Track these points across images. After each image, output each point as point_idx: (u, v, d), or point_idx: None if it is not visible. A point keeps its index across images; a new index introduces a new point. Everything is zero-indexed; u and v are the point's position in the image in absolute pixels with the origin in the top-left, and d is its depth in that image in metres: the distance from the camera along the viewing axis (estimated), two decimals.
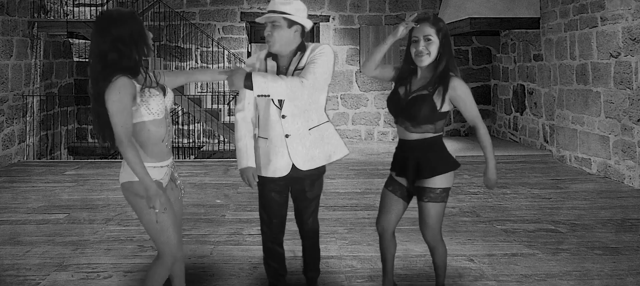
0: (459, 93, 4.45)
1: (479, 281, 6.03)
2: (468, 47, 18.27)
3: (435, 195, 4.52)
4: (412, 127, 4.52)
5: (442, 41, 4.45)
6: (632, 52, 10.66)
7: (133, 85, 4.04)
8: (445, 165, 4.56)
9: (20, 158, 14.06)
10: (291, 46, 4.86)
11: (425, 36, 4.42)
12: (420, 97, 4.45)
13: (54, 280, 6.08)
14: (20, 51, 14.04)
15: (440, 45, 4.44)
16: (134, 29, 4.10)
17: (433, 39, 4.41)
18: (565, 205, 9.19)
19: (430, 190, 4.52)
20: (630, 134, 10.68)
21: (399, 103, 4.59)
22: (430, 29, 4.42)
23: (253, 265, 6.51)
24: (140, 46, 4.16)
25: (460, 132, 18.14)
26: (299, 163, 4.92)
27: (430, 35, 4.41)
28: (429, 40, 4.41)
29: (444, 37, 4.46)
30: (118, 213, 8.73)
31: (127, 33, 4.04)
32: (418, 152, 4.55)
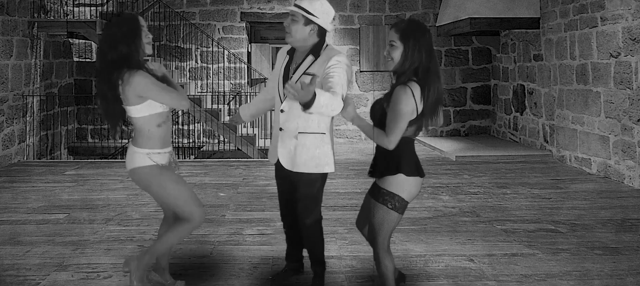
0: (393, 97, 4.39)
1: (479, 281, 6.03)
2: (468, 47, 18.27)
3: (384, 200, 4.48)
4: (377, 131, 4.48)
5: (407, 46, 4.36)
6: (632, 52, 10.66)
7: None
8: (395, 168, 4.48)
9: (20, 158, 14.06)
10: (306, 43, 5.02)
11: (389, 41, 4.44)
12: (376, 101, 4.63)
13: (54, 280, 6.08)
14: (20, 51, 14.04)
15: (404, 50, 4.37)
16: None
17: (396, 44, 4.38)
18: (565, 205, 9.19)
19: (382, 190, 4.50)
20: (630, 134, 10.68)
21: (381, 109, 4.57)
22: (394, 34, 4.41)
23: (253, 265, 6.51)
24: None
25: (460, 132, 18.14)
26: (283, 160, 5.16)
27: (393, 40, 4.41)
28: (392, 46, 4.41)
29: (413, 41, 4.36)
30: (118, 213, 8.74)
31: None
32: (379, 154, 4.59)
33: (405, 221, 8.30)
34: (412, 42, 4.33)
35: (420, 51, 4.32)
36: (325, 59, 4.96)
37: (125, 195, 9.91)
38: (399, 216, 4.48)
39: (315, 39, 5.01)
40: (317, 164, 5.11)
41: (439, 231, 7.81)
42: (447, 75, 18.12)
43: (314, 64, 4.99)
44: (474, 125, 18.20)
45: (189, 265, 6.51)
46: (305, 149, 5.07)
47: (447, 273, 6.27)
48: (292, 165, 5.13)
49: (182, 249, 7.03)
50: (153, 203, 9.27)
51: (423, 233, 7.74)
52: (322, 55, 5.02)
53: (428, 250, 7.05)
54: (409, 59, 4.36)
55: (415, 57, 4.34)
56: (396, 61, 4.41)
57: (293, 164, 5.12)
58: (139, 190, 10.18)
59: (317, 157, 5.10)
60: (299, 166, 5.09)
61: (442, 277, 6.14)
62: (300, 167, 5.09)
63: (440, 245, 7.21)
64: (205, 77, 18.17)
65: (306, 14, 4.86)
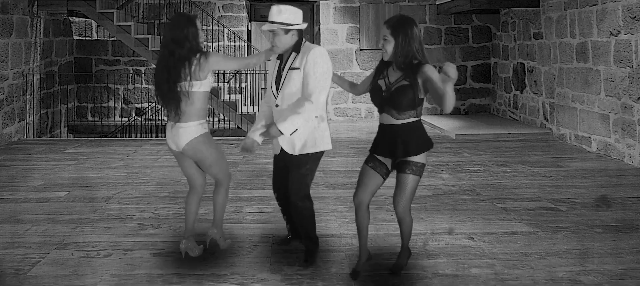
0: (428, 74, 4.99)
1: (479, 260, 6.04)
2: (468, 25, 18.22)
3: (417, 168, 5.20)
4: (397, 114, 5.17)
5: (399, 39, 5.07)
6: (632, 30, 10.63)
7: None
8: (426, 145, 5.26)
9: (20, 137, 14.06)
10: (290, 45, 5.64)
11: (383, 36, 5.18)
12: (401, 87, 5.10)
13: (53, 258, 6.09)
14: (20, 29, 14.00)
15: (395, 43, 5.09)
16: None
17: (388, 38, 5.12)
18: (565, 184, 9.20)
19: (415, 164, 5.19)
20: (630, 112, 10.67)
21: (383, 95, 5.24)
22: (386, 30, 5.15)
23: (253, 243, 6.52)
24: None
25: (460, 111, 18.11)
26: (286, 147, 5.64)
27: (385, 35, 5.16)
28: (386, 40, 5.14)
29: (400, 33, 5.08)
30: (118, 192, 8.74)
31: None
32: (404, 134, 5.18)
33: None
34: (402, 36, 5.07)
35: (411, 42, 5.07)
36: (304, 52, 5.58)
37: (125, 174, 9.91)
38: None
39: (296, 38, 5.64)
40: (315, 144, 5.63)
41: (439, 210, 7.82)
42: (447, 54, 18.09)
43: (296, 58, 5.60)
44: (474, 104, 18.18)
45: None
46: (303, 134, 5.57)
47: (447, 251, 6.28)
48: (294, 149, 5.60)
49: (181, 227, 7.04)
50: (152, 182, 9.28)
51: (423, 211, 7.75)
52: (301, 49, 5.63)
53: (428, 228, 7.06)
54: (400, 49, 5.09)
55: (406, 48, 5.07)
56: (389, 52, 5.15)
57: (294, 148, 5.59)
58: (139, 169, 10.20)
59: (315, 138, 5.63)
60: (301, 149, 5.59)
61: (442, 255, 6.15)
62: (302, 149, 5.59)
63: (440, 224, 7.22)
64: None
65: (284, 26, 5.49)
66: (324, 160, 6.72)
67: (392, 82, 5.18)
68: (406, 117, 5.17)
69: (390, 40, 5.12)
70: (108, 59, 17.93)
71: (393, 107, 5.15)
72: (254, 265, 5.90)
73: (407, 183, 5.19)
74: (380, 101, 5.28)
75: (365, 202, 5.41)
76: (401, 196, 5.24)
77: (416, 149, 5.17)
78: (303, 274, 5.69)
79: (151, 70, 17.86)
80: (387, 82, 5.23)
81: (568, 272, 5.72)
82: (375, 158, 5.44)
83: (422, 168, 5.23)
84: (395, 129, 5.21)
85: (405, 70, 5.12)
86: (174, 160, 10.91)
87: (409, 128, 5.18)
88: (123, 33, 15.36)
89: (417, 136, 5.19)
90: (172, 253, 6.22)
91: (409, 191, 5.22)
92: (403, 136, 5.18)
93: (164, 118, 17.84)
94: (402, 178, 5.22)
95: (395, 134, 5.21)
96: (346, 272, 5.70)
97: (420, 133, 5.22)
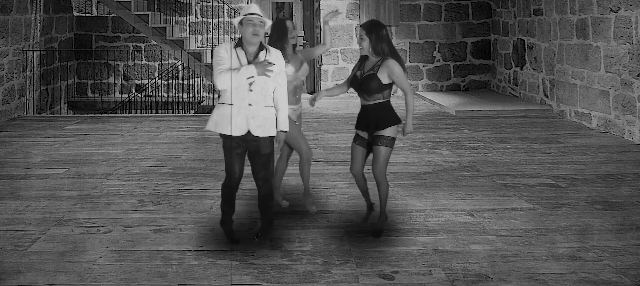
0: (392, 70, 6.08)
1: (479, 236, 6.05)
2: (468, 1, 18.16)
3: (387, 141, 6.12)
4: (367, 96, 6.15)
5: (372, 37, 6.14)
6: (632, 7, 10.60)
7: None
8: (393, 120, 6.17)
9: (20, 113, 14.05)
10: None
11: (360, 36, 6.25)
12: (369, 76, 6.13)
13: (53, 234, 6.10)
14: (20, 5, 13.95)
15: (369, 41, 6.15)
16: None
17: (364, 38, 6.18)
18: (565, 160, 9.20)
19: (384, 137, 6.11)
20: (630, 89, 10.66)
21: (358, 82, 6.21)
22: (362, 31, 6.22)
23: (253, 219, 6.53)
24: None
25: (460, 87, 18.09)
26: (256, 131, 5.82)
27: (361, 35, 6.22)
28: (362, 39, 6.21)
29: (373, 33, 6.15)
30: (118, 168, 8.74)
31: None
32: (374, 112, 6.17)
33: (405, 176, 8.31)
34: (374, 35, 6.14)
35: (382, 41, 6.14)
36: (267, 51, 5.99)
37: (125, 150, 9.91)
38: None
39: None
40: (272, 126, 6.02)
41: (439, 186, 7.82)
42: (447, 30, 18.05)
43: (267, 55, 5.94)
44: (473, 80, 18.15)
45: (190, 220, 6.53)
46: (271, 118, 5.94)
47: (447, 228, 6.29)
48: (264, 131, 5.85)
49: (182, 204, 7.05)
50: (152, 158, 9.29)
51: (423, 187, 7.75)
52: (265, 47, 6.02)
53: (428, 204, 7.06)
54: (374, 45, 6.16)
55: (379, 45, 6.15)
56: (366, 49, 6.20)
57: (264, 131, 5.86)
58: (139, 145, 10.20)
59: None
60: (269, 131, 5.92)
61: (442, 232, 6.16)
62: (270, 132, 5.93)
63: (440, 200, 7.23)
64: (205, 31, 18.10)
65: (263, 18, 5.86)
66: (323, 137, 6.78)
67: (364, 72, 6.21)
68: (375, 99, 6.15)
69: (365, 38, 6.17)
70: (108, 35, 17.90)
71: (364, 91, 6.16)
72: (254, 242, 5.91)
73: (381, 153, 6.12)
74: (356, 87, 6.24)
75: (359, 172, 6.35)
76: (376, 164, 6.14)
77: (384, 124, 6.12)
78: (303, 250, 5.70)
79: (151, 47, 17.83)
80: (361, 72, 6.23)
81: (568, 248, 5.73)
82: (358, 135, 6.35)
83: (392, 141, 6.16)
84: (368, 109, 6.20)
85: (374, 63, 6.17)
86: (173, 137, 10.93)
87: (378, 107, 6.17)
88: (123, 9, 15.33)
89: (384, 113, 6.16)
90: (172, 229, 6.23)
91: (382, 159, 6.13)
92: (374, 114, 6.16)
93: (164, 94, 17.84)
94: (376, 150, 6.15)
95: (368, 113, 6.20)
96: (346, 248, 5.71)
97: (387, 111, 6.18)
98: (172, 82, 18.06)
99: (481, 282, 5.02)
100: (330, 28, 6.40)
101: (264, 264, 5.41)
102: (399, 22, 17.85)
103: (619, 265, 5.36)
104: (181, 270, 5.27)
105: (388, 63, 6.09)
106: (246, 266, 5.36)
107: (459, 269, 5.29)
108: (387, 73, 6.09)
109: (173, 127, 12.19)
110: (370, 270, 5.28)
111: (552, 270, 5.27)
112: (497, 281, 5.04)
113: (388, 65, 6.08)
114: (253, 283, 5.01)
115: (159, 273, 5.22)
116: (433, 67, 17.93)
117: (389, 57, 6.15)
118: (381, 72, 6.08)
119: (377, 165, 6.12)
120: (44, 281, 5.04)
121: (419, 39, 17.89)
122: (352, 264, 5.39)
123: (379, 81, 6.06)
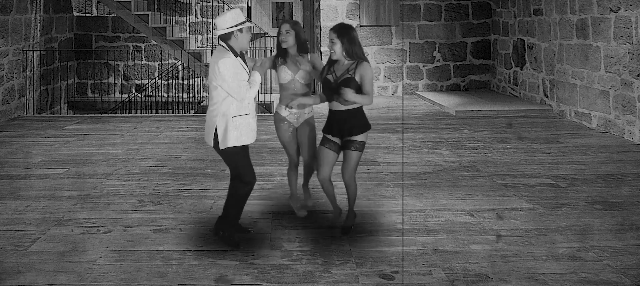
0: (365, 73, 6.01)
1: (479, 236, 6.05)
2: (468, 1, 18.16)
3: (360, 146, 6.07)
4: (344, 101, 6.00)
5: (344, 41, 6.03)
6: (632, 7, 10.60)
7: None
8: (365, 127, 6.13)
9: (20, 113, 14.04)
10: None
11: (330, 40, 6.10)
12: (345, 80, 6.00)
13: (53, 234, 6.10)
14: (20, 5, 13.95)
15: (341, 44, 6.04)
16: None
17: (335, 41, 6.06)
18: (565, 160, 9.20)
19: (357, 142, 6.07)
20: (630, 89, 10.66)
21: (331, 86, 6.06)
22: (333, 34, 6.08)
23: (253, 219, 6.53)
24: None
25: (460, 87, 18.09)
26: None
27: (332, 38, 6.08)
28: (333, 42, 6.07)
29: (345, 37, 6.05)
30: (118, 168, 8.74)
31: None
32: (348, 118, 6.08)
33: (406, 176, 8.31)
34: (347, 38, 6.04)
35: (354, 44, 6.05)
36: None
37: (125, 150, 9.91)
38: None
39: None
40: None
41: (439, 186, 7.82)
42: (447, 30, 18.05)
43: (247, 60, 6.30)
44: (474, 80, 18.15)
45: (190, 220, 6.53)
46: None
47: (447, 228, 6.29)
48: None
49: (182, 204, 7.05)
50: (152, 158, 9.29)
51: (423, 187, 7.75)
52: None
53: (428, 204, 7.07)
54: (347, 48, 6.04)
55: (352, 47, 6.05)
56: (338, 52, 6.06)
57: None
58: (139, 145, 10.20)
59: None
60: None
61: (442, 232, 6.16)
62: None
63: (440, 200, 7.23)
64: (205, 31, 18.09)
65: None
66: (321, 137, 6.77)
67: (339, 76, 6.08)
68: (350, 104, 6.04)
69: (337, 41, 6.05)
70: (108, 36, 17.89)
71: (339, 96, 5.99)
72: (254, 242, 5.92)
73: (351, 157, 6.07)
74: (329, 91, 6.09)
75: (327, 178, 6.22)
76: (347, 167, 6.11)
77: (358, 130, 6.08)
78: (303, 250, 5.71)
79: (151, 47, 17.83)
80: (334, 76, 6.11)
81: (568, 248, 5.73)
82: (328, 139, 6.23)
83: (362, 145, 6.10)
84: (342, 114, 6.10)
85: (349, 66, 6.08)
86: (173, 137, 10.93)
87: (352, 113, 6.08)
88: (123, 9, 15.32)
89: (358, 119, 6.10)
90: (172, 229, 6.23)
91: (352, 163, 6.10)
92: (347, 120, 6.08)
93: (164, 94, 17.83)
94: (347, 154, 6.09)
95: (342, 118, 6.10)
96: (346, 248, 5.72)
97: (361, 117, 6.14)
98: (172, 82, 18.06)
99: (481, 282, 5.03)
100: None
101: (264, 264, 5.41)
102: (399, 22, 17.85)
103: (619, 265, 5.37)
104: (181, 270, 5.27)
105: (363, 66, 6.03)
106: (246, 266, 5.36)
107: (459, 269, 5.29)
108: (360, 76, 5.99)
109: (173, 127, 12.19)
110: (370, 270, 5.28)
111: (552, 270, 5.27)
112: (497, 281, 5.04)
113: (363, 68, 6.01)
114: (253, 283, 5.02)
115: (159, 273, 5.22)
116: (433, 67, 17.92)
117: (363, 61, 6.07)
118: (357, 75, 5.99)
119: (348, 169, 6.11)
120: (44, 281, 5.05)
121: (419, 39, 17.89)
122: (352, 264, 5.40)
123: (356, 84, 5.96)
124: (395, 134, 11.29)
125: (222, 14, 5.83)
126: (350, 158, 6.08)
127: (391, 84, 17.78)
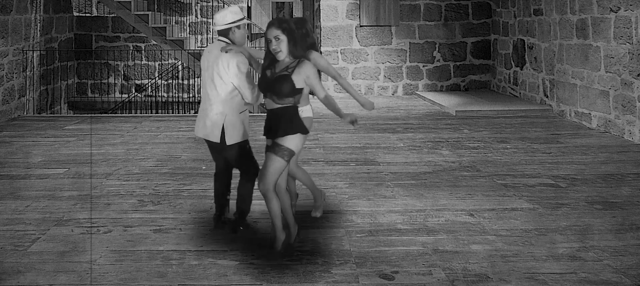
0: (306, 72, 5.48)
1: (479, 236, 6.05)
2: (468, 1, 18.16)
3: (280, 151, 5.44)
4: (277, 99, 5.48)
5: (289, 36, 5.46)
6: (632, 7, 10.60)
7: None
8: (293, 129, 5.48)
9: (20, 113, 14.04)
10: None
11: (274, 37, 5.45)
12: (282, 77, 5.46)
13: (53, 234, 6.09)
14: (20, 5, 13.95)
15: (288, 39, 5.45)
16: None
17: (281, 37, 5.44)
18: (565, 160, 9.20)
19: (279, 146, 5.45)
20: (630, 89, 10.66)
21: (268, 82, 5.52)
22: (277, 30, 5.44)
23: (253, 219, 6.52)
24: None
25: (460, 87, 18.09)
26: None
27: (278, 35, 5.44)
28: (278, 39, 5.44)
29: (290, 32, 5.48)
30: (118, 168, 8.74)
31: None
32: (277, 118, 5.52)
33: (405, 176, 8.31)
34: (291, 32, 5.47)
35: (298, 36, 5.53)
36: None
37: (124, 150, 9.91)
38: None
39: None
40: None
41: (439, 186, 7.82)
42: (447, 30, 18.04)
43: None
44: (473, 80, 18.15)
45: (190, 220, 6.53)
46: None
47: (447, 228, 6.28)
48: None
49: (182, 204, 7.04)
50: (152, 159, 9.28)
51: (423, 187, 7.75)
52: None
53: (428, 204, 7.06)
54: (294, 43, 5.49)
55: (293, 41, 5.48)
56: (285, 50, 5.48)
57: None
58: (139, 145, 10.20)
59: None
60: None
61: (442, 232, 6.16)
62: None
63: (440, 200, 7.22)
64: (205, 31, 18.09)
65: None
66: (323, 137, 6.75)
67: (276, 72, 5.55)
68: (283, 103, 5.50)
69: (283, 38, 5.46)
70: (108, 36, 17.89)
71: (274, 93, 5.46)
72: (253, 242, 5.91)
73: (269, 161, 5.47)
74: (264, 88, 5.56)
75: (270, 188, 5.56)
76: (263, 173, 5.47)
77: (282, 132, 5.47)
78: (303, 250, 5.70)
79: (151, 47, 17.83)
80: (273, 71, 5.58)
81: (568, 248, 5.73)
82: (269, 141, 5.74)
83: (286, 152, 5.47)
84: (274, 112, 5.55)
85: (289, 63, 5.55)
86: (173, 137, 10.92)
87: (282, 113, 5.51)
88: (123, 9, 15.32)
89: (286, 120, 5.49)
90: (172, 229, 6.23)
91: (269, 170, 5.44)
92: (276, 120, 5.53)
93: (164, 94, 17.83)
94: (267, 157, 5.51)
95: (273, 117, 5.57)
96: (346, 248, 5.71)
97: (290, 118, 5.51)
98: (172, 82, 18.06)
99: (481, 282, 5.02)
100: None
101: (264, 264, 5.41)
102: (399, 22, 17.85)
103: (619, 265, 5.36)
104: (181, 270, 5.27)
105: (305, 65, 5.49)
106: (246, 266, 5.36)
107: (459, 269, 5.29)
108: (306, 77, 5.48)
109: (173, 127, 12.19)
110: (370, 270, 5.28)
111: (552, 270, 5.27)
112: (497, 281, 5.04)
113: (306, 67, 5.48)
114: (253, 283, 5.01)
115: (159, 273, 5.22)
116: (433, 67, 17.92)
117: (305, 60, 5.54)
118: (297, 75, 5.48)
119: (262, 175, 5.46)
120: (44, 281, 5.04)
121: (419, 39, 17.88)
122: (352, 264, 5.39)
123: (291, 85, 5.43)
124: (395, 134, 11.29)
125: (222, 11, 5.92)
126: (267, 162, 5.46)
127: (391, 84, 17.78)
